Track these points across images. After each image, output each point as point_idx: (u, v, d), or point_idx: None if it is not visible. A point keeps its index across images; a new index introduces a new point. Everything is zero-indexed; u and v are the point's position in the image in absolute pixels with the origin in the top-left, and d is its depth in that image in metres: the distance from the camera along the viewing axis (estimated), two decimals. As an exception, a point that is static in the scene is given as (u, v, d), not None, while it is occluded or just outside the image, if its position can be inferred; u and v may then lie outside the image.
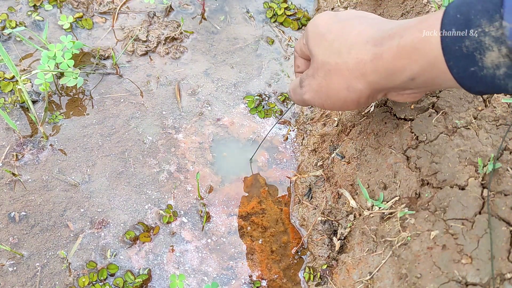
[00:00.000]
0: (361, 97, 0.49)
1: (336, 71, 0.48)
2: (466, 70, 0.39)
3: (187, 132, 0.81)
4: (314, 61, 0.51)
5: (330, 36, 0.49)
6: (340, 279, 0.65)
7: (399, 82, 0.45)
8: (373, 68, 0.45)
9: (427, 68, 0.42)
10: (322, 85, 0.50)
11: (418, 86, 0.45)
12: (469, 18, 0.37)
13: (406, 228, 0.57)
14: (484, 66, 0.38)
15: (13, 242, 0.68)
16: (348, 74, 0.47)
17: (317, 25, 0.52)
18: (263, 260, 0.71)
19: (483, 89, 0.40)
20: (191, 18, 0.94)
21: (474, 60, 0.38)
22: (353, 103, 0.50)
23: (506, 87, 0.38)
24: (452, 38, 0.38)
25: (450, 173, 0.56)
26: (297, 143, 0.82)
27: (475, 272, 0.49)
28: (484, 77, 0.38)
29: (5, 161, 0.74)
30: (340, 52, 0.47)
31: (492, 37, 0.36)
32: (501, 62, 0.37)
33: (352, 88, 0.48)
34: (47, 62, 0.77)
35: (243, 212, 0.74)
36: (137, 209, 0.73)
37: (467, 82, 0.40)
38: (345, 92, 0.49)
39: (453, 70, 0.40)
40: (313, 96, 0.53)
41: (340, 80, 0.48)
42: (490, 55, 0.37)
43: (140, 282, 0.67)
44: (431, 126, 0.61)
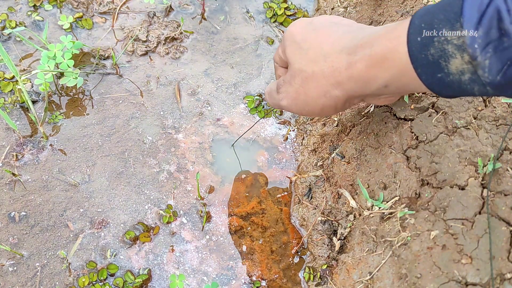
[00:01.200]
0: (338, 103, 0.50)
1: (313, 78, 0.50)
2: (433, 76, 0.41)
3: (187, 132, 0.81)
4: (291, 69, 0.53)
5: (306, 44, 0.51)
6: (340, 279, 0.65)
7: (374, 89, 0.46)
8: (348, 76, 0.47)
9: (398, 76, 0.43)
10: (299, 93, 0.52)
11: (392, 92, 0.47)
12: (432, 27, 0.39)
13: (406, 228, 0.57)
14: (450, 73, 0.39)
15: (13, 242, 0.68)
16: (325, 82, 0.49)
17: (292, 33, 0.53)
18: (263, 260, 0.71)
19: (452, 93, 0.42)
20: (191, 18, 0.94)
21: (440, 67, 0.40)
22: (330, 109, 0.51)
23: (472, 91, 0.40)
24: (418, 47, 0.40)
25: (450, 173, 0.56)
26: (297, 143, 0.82)
27: (475, 272, 0.49)
28: (451, 82, 0.40)
29: (5, 161, 0.74)
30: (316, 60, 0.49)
31: (455, 45, 0.38)
32: (464, 68, 0.38)
33: (329, 94, 0.49)
34: (47, 62, 0.77)
35: (243, 212, 0.74)
36: (137, 209, 0.73)
37: (436, 88, 0.42)
38: (322, 98, 0.50)
39: (422, 77, 0.42)
40: (290, 103, 0.54)
41: (317, 88, 0.50)
42: (454, 62, 0.38)
43: (140, 282, 0.67)
44: (431, 126, 0.61)
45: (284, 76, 0.55)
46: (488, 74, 0.37)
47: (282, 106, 0.56)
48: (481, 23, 0.36)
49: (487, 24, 0.35)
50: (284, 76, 0.54)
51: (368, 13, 0.84)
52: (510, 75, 0.36)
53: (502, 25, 0.35)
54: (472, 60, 0.37)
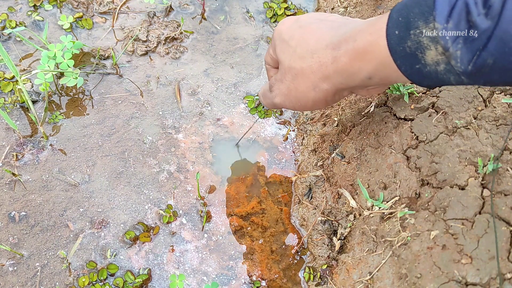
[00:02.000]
0: (328, 96, 0.53)
1: (302, 74, 0.52)
2: (412, 67, 0.43)
3: (187, 132, 0.81)
4: (281, 67, 0.55)
5: (293, 42, 0.53)
6: (340, 279, 0.65)
7: (359, 81, 0.49)
8: (334, 69, 0.49)
9: (380, 68, 0.46)
10: (291, 89, 0.54)
11: (377, 83, 0.49)
12: (408, 20, 0.41)
13: (406, 228, 0.57)
14: (426, 64, 0.42)
15: (13, 242, 0.68)
16: (313, 77, 0.51)
17: (280, 32, 0.55)
18: (263, 260, 0.71)
19: (431, 83, 0.44)
20: (191, 18, 0.94)
21: (417, 59, 0.42)
22: (321, 102, 0.54)
23: (449, 80, 0.42)
24: (396, 40, 0.42)
25: (450, 173, 0.56)
26: (297, 143, 0.82)
27: (475, 272, 0.49)
28: (428, 73, 0.42)
29: (5, 161, 0.74)
30: (304, 57, 0.51)
31: (429, 37, 0.40)
32: (439, 59, 0.40)
33: (319, 88, 0.52)
34: (47, 62, 0.77)
35: (243, 212, 0.74)
36: (137, 209, 0.73)
37: (416, 78, 0.44)
38: (312, 93, 0.52)
39: (401, 68, 0.44)
40: (283, 100, 0.56)
41: (307, 83, 0.52)
42: (429, 54, 0.41)
43: (140, 282, 0.67)
44: (431, 126, 0.61)
45: (275, 75, 0.57)
46: (460, 64, 0.39)
47: (276, 104, 0.58)
48: (452, 16, 0.38)
49: (457, 17, 0.37)
50: (276, 75, 0.57)
51: (368, 13, 0.85)
52: (480, 64, 0.38)
53: (470, 17, 0.37)
54: (445, 52, 0.39)
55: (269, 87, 0.59)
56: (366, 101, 0.74)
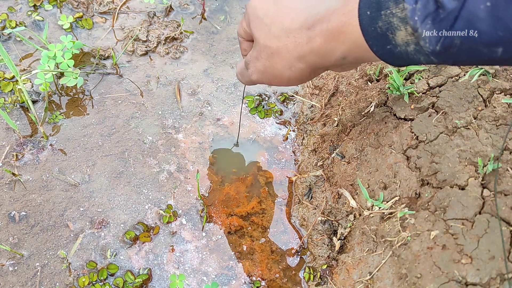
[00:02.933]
0: (303, 74, 0.53)
1: (278, 53, 0.52)
2: (383, 48, 0.44)
3: (187, 132, 0.81)
4: (256, 44, 0.55)
5: (268, 20, 0.53)
6: (340, 279, 0.65)
7: (333, 60, 0.49)
8: (309, 49, 0.50)
9: (354, 48, 0.46)
10: (267, 66, 0.55)
11: (351, 62, 0.50)
12: (379, 1, 0.42)
13: (406, 228, 0.57)
14: (397, 44, 0.42)
15: (13, 242, 0.68)
16: (289, 56, 0.52)
17: (254, 7, 0.55)
18: (263, 260, 0.71)
19: (402, 62, 0.45)
20: (191, 18, 0.94)
21: (388, 39, 0.42)
22: (296, 80, 0.54)
23: (419, 60, 0.43)
24: (368, 20, 0.43)
25: (450, 173, 0.56)
26: (297, 143, 0.82)
27: (475, 272, 0.49)
28: (399, 53, 0.43)
29: (5, 161, 0.74)
30: (279, 36, 0.52)
31: (399, 18, 0.40)
32: (409, 40, 0.41)
33: (294, 67, 0.52)
34: (47, 62, 0.77)
35: (243, 212, 0.74)
36: (137, 209, 0.73)
37: (387, 58, 0.45)
38: (288, 71, 0.53)
39: (373, 49, 0.44)
40: (260, 77, 0.57)
41: (283, 61, 0.52)
42: (399, 34, 0.41)
43: (140, 282, 0.67)
44: (431, 126, 0.61)
45: (251, 52, 0.57)
46: (428, 45, 0.40)
47: (253, 81, 0.59)
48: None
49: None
50: (251, 51, 0.57)
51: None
52: (447, 44, 0.39)
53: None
54: (414, 32, 0.40)
55: (245, 65, 0.59)
56: (366, 101, 0.74)
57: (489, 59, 0.39)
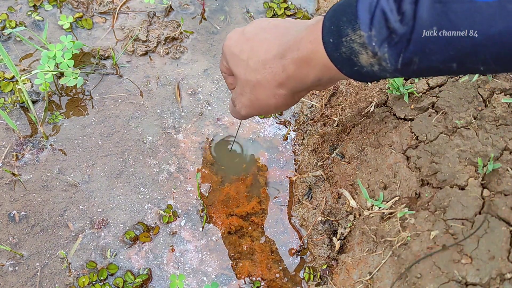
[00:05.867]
0: (287, 99, 0.56)
1: (259, 85, 0.55)
2: (351, 69, 0.46)
3: (187, 132, 0.81)
4: (238, 81, 0.58)
5: (244, 55, 0.55)
6: (340, 279, 0.65)
7: (310, 84, 0.52)
8: (286, 77, 0.52)
9: (326, 71, 0.48)
10: (252, 100, 0.57)
11: (328, 81, 0.52)
12: (339, 28, 0.44)
13: (406, 228, 0.57)
14: (362, 66, 0.44)
15: (13, 242, 0.68)
16: (269, 86, 0.54)
17: (229, 46, 0.57)
18: (263, 260, 0.71)
19: (371, 79, 0.47)
20: (191, 18, 0.94)
21: (353, 62, 0.45)
22: (283, 105, 0.56)
23: (386, 77, 0.45)
24: (332, 47, 0.45)
25: (450, 173, 0.56)
26: (297, 143, 0.82)
27: (475, 272, 0.49)
28: (366, 73, 0.45)
29: (5, 161, 0.74)
30: (257, 69, 0.54)
31: (358, 43, 0.43)
32: (372, 61, 0.43)
33: (277, 95, 0.55)
34: (47, 62, 0.77)
35: (243, 212, 0.74)
36: (137, 209, 0.73)
37: (357, 78, 0.47)
38: (272, 99, 0.55)
39: (343, 71, 0.47)
40: (248, 111, 0.59)
41: (266, 92, 0.55)
42: (362, 58, 0.43)
43: (140, 282, 0.67)
44: (431, 126, 0.61)
45: (235, 90, 0.60)
46: (389, 64, 0.42)
47: (244, 115, 0.61)
48: (373, 24, 0.41)
49: (378, 24, 0.40)
50: (236, 89, 0.60)
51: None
52: (407, 62, 0.41)
53: (389, 24, 0.39)
54: (374, 55, 0.42)
55: (232, 102, 0.62)
56: (366, 101, 0.74)
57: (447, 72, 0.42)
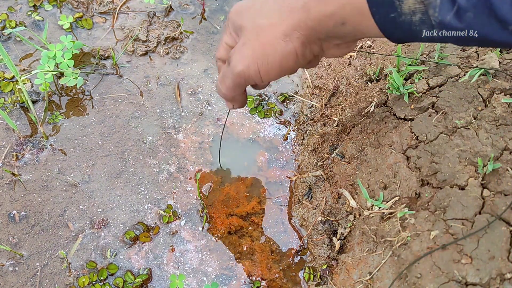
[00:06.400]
0: (297, 46, 0.48)
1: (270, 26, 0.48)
2: (386, 16, 0.42)
3: (187, 132, 0.81)
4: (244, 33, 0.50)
5: (257, 5, 0.50)
6: (340, 279, 0.65)
7: (331, 27, 0.46)
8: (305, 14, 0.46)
9: (355, 13, 0.44)
10: (255, 47, 0.49)
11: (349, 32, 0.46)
12: None
13: (406, 228, 0.57)
14: (402, 12, 0.41)
15: (13, 242, 0.68)
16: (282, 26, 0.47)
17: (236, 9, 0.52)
18: (263, 260, 0.71)
19: (401, 35, 0.43)
20: (191, 18, 0.94)
21: (394, 7, 0.41)
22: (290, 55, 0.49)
23: (420, 34, 0.42)
24: None
25: (450, 173, 0.56)
26: (297, 143, 0.82)
27: (475, 272, 0.49)
28: (402, 23, 0.42)
29: (5, 161, 0.74)
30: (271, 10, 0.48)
31: None
32: (416, 8, 0.40)
33: (289, 37, 0.47)
34: (47, 62, 0.77)
35: (243, 212, 0.74)
36: (137, 209, 0.73)
37: (388, 28, 0.43)
38: (282, 43, 0.48)
39: (375, 16, 0.43)
40: (247, 64, 0.50)
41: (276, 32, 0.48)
42: (407, 2, 0.40)
43: (140, 282, 0.67)
44: (431, 126, 0.61)
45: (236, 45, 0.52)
46: (438, 14, 0.39)
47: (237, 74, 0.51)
48: None
49: None
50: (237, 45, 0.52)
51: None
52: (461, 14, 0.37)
53: None
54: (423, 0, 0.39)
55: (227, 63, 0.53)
56: (366, 101, 0.74)
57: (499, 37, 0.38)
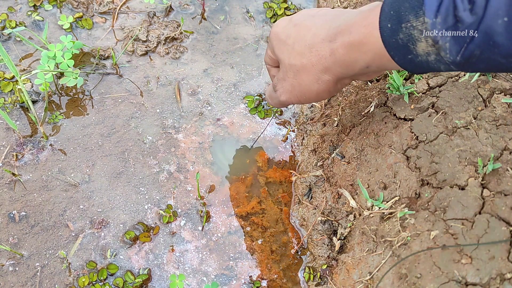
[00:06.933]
0: (330, 85, 0.55)
1: (303, 69, 0.55)
2: (405, 57, 0.46)
3: (187, 132, 0.81)
4: (282, 66, 0.58)
5: (290, 40, 0.55)
6: (340, 279, 0.65)
7: (357, 70, 0.51)
8: (333, 61, 0.52)
9: (376, 58, 0.48)
10: (294, 85, 0.57)
11: (375, 70, 0.51)
12: (400, 14, 0.43)
13: (406, 228, 0.57)
14: (418, 54, 0.44)
15: (13, 242, 0.68)
16: (314, 70, 0.54)
17: (277, 33, 0.58)
18: (263, 260, 0.71)
19: (423, 71, 0.47)
20: (191, 18, 0.94)
21: (409, 50, 0.44)
22: (325, 92, 0.56)
23: (439, 69, 0.45)
24: (389, 32, 0.45)
25: (450, 173, 0.56)
26: (297, 143, 0.82)
27: (475, 272, 0.49)
28: (420, 62, 0.45)
29: (5, 161, 0.74)
30: (303, 53, 0.54)
31: (419, 31, 0.42)
32: (430, 50, 0.43)
33: (321, 80, 0.54)
34: (47, 62, 0.77)
35: (243, 212, 0.74)
36: (137, 209, 0.73)
37: (409, 67, 0.47)
38: (316, 85, 0.55)
39: (395, 58, 0.46)
40: (289, 96, 0.59)
41: (309, 76, 0.54)
42: (420, 45, 0.43)
43: (140, 282, 0.67)
44: (431, 126, 0.61)
45: (278, 75, 0.60)
46: (449, 55, 0.42)
47: (283, 102, 0.61)
48: (440, 11, 0.40)
49: (445, 12, 0.40)
50: (278, 74, 0.59)
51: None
52: (468, 55, 0.41)
53: (457, 12, 0.39)
54: (434, 44, 0.42)
55: (273, 87, 0.62)
56: (366, 101, 0.74)
57: (507, 68, 0.41)
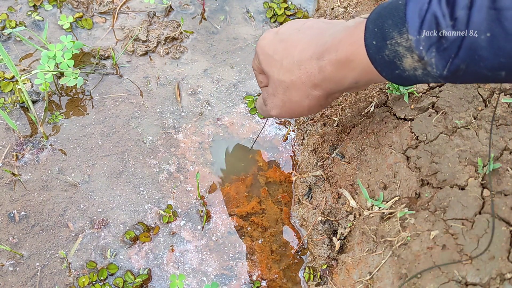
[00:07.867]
0: (321, 100, 0.55)
1: (293, 86, 0.54)
2: (392, 73, 0.46)
3: (187, 132, 0.81)
4: (271, 81, 0.57)
5: (278, 56, 0.55)
6: (340, 279, 0.65)
7: (347, 86, 0.51)
8: (322, 78, 0.52)
9: (364, 73, 0.49)
10: (284, 101, 0.57)
11: (365, 84, 0.51)
12: (384, 31, 0.44)
13: (406, 228, 0.57)
14: (405, 69, 0.44)
15: (13, 242, 0.68)
16: (304, 87, 0.54)
17: (263, 47, 0.57)
18: (263, 260, 0.71)
19: (412, 83, 0.47)
20: (191, 18, 0.94)
21: (396, 65, 0.44)
22: (316, 107, 0.56)
23: (428, 81, 0.45)
24: (374, 49, 0.45)
25: (450, 173, 0.56)
26: (297, 143, 0.82)
27: (475, 272, 0.49)
28: (408, 77, 0.45)
29: (5, 161, 0.74)
30: (291, 70, 0.54)
31: (404, 47, 0.42)
32: (416, 65, 0.43)
33: (311, 96, 0.54)
34: (47, 62, 0.77)
35: (243, 212, 0.74)
36: (137, 209, 0.73)
37: (398, 81, 0.47)
38: (306, 100, 0.55)
39: (383, 74, 0.47)
40: (279, 112, 0.59)
41: (299, 93, 0.54)
42: (406, 61, 0.43)
43: (140, 282, 0.67)
44: (431, 126, 0.61)
45: (267, 89, 0.59)
46: (436, 70, 0.42)
47: (274, 116, 0.61)
48: (422, 28, 0.40)
49: (427, 28, 0.40)
50: (267, 88, 0.59)
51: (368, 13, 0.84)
52: (454, 69, 0.41)
53: (440, 28, 0.39)
54: (420, 60, 0.42)
55: (263, 101, 0.61)
56: (366, 101, 0.74)
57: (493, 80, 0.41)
